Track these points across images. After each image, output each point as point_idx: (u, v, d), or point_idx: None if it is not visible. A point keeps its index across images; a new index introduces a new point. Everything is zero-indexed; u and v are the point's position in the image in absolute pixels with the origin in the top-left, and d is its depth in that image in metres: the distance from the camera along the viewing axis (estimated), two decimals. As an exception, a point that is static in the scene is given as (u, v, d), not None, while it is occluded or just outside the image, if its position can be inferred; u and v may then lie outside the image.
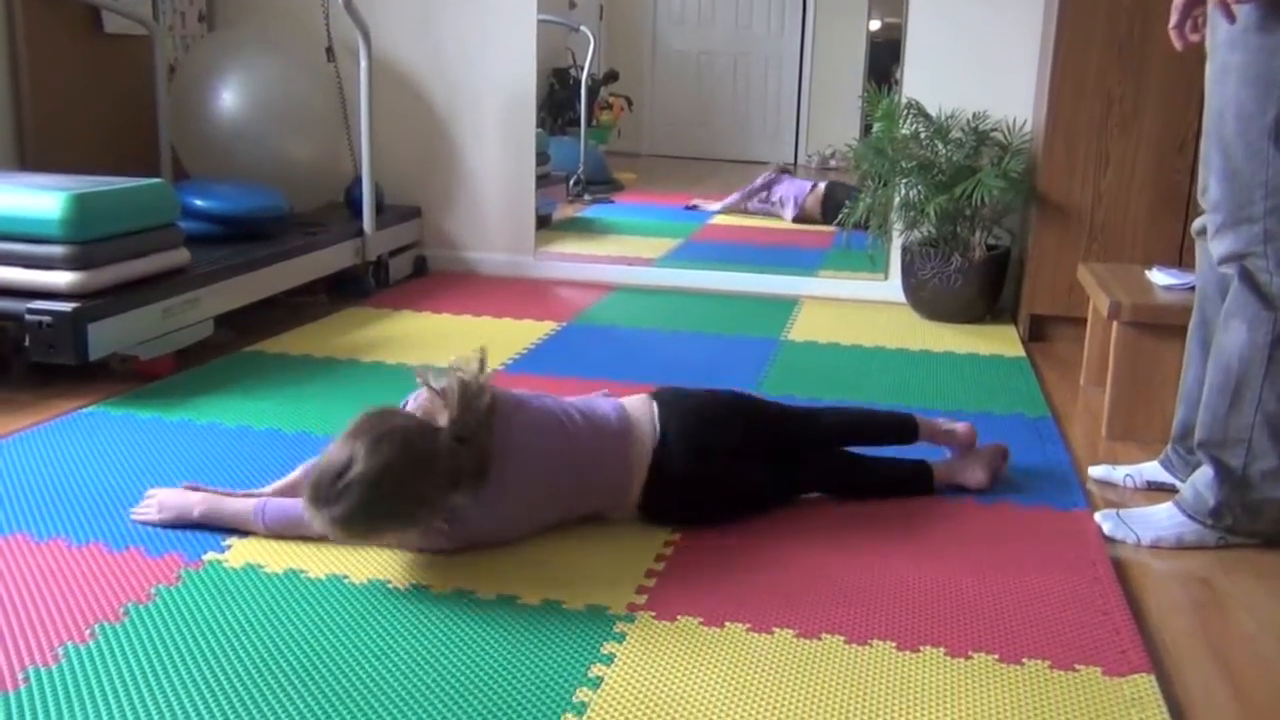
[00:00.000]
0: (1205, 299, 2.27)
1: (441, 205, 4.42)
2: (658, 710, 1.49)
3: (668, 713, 1.49)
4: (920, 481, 2.28)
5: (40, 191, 2.74)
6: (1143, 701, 1.56)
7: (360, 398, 2.80)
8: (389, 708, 1.48)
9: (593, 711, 1.48)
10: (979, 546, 2.04)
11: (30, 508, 2.09)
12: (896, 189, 3.83)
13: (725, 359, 3.30)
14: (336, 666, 1.58)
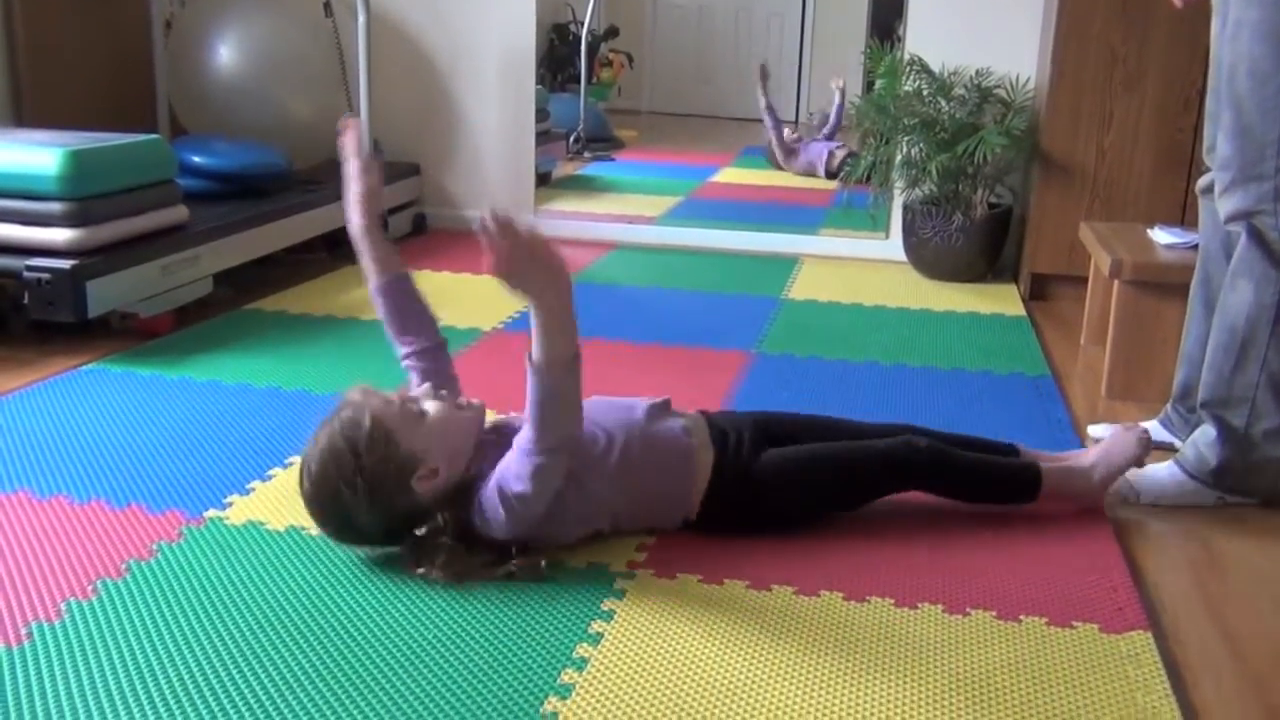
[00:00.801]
0: (1209, 257, 2.26)
1: (440, 162, 4.39)
2: (657, 665, 1.50)
3: (667, 668, 1.49)
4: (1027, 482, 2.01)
5: (37, 148, 2.73)
6: (1139, 658, 1.57)
7: (360, 356, 2.81)
8: (390, 662, 1.49)
9: (592, 667, 1.49)
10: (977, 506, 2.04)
11: (31, 465, 2.09)
12: (898, 147, 3.81)
13: (725, 317, 3.29)
14: (338, 622, 1.59)
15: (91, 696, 1.39)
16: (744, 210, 5.06)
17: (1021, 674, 1.52)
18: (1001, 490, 2.00)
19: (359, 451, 1.64)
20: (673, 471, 1.84)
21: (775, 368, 2.83)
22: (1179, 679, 1.54)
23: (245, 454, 2.17)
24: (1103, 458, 2.04)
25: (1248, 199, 2.00)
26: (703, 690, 1.45)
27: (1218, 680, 1.55)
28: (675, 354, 2.91)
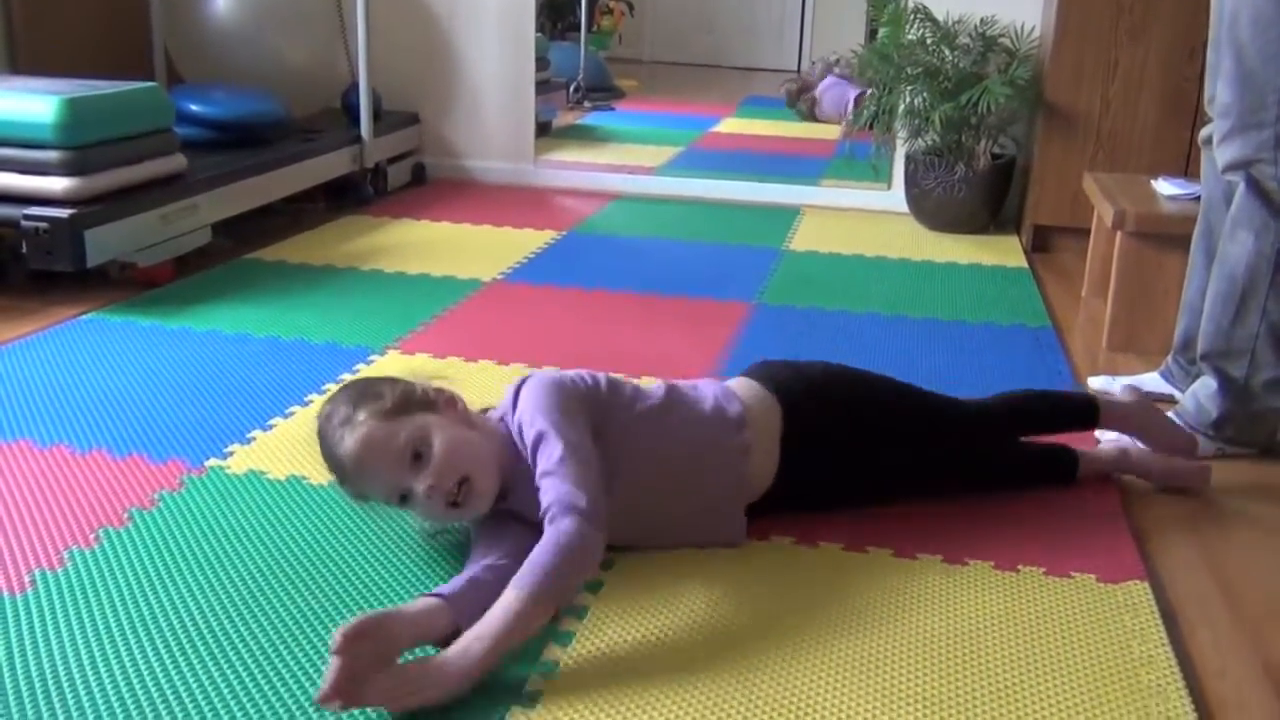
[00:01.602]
0: (1210, 208, 2.25)
1: (440, 111, 4.36)
2: (649, 616, 1.51)
3: (661, 616, 1.50)
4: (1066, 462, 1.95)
5: (33, 95, 2.71)
6: (1136, 607, 1.58)
7: (359, 306, 2.80)
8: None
9: (593, 617, 1.50)
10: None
11: (32, 414, 2.09)
12: (901, 96, 3.78)
13: (726, 268, 3.28)
14: (339, 570, 1.60)
15: (95, 643, 1.40)
16: (745, 160, 5.03)
17: (1019, 623, 1.53)
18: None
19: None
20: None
21: (776, 318, 2.82)
22: (1175, 628, 1.55)
23: (246, 403, 2.17)
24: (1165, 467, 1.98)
25: (1247, 147, 1.99)
26: (697, 638, 1.46)
27: (1213, 630, 1.56)
28: (676, 304, 2.91)
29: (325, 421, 1.55)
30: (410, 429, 1.50)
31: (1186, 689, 1.40)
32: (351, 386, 1.60)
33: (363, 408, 1.52)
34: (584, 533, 1.41)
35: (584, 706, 1.31)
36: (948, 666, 1.43)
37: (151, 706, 1.29)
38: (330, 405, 1.57)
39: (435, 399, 1.57)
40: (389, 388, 1.56)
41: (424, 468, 1.49)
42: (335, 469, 1.55)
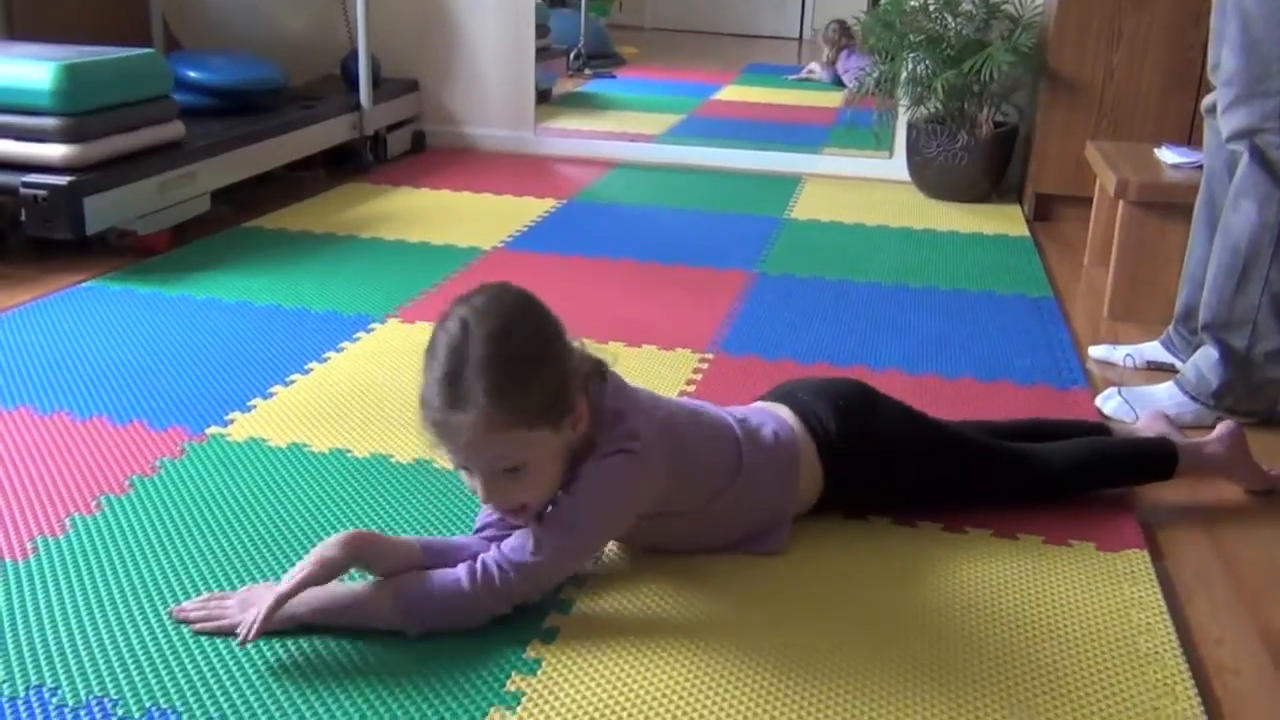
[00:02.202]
0: (1212, 177, 2.24)
1: (440, 79, 4.33)
2: (652, 576, 1.51)
3: (659, 579, 1.51)
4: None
5: (30, 61, 2.69)
6: (1135, 576, 1.58)
7: (359, 274, 2.80)
8: (393, 578, 1.50)
9: (594, 582, 1.51)
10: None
11: (32, 382, 2.09)
12: (903, 64, 3.76)
13: (727, 237, 3.27)
14: (340, 538, 1.60)
15: (97, 609, 1.41)
16: (746, 129, 5.01)
17: (1018, 591, 1.53)
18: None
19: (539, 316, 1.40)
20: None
21: (776, 287, 2.82)
22: (1173, 597, 1.55)
23: (246, 371, 2.17)
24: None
25: (1251, 115, 1.98)
26: (693, 598, 1.47)
27: (1211, 598, 1.57)
28: (676, 273, 2.90)
29: (453, 361, 1.32)
30: (518, 454, 1.34)
31: (1184, 656, 1.41)
32: (508, 338, 1.33)
33: (494, 394, 1.30)
34: (492, 593, 1.36)
35: (580, 688, 1.32)
36: (946, 633, 1.43)
37: (154, 672, 1.30)
38: (474, 348, 1.31)
39: (569, 409, 1.38)
40: (539, 380, 1.34)
41: (499, 482, 1.36)
42: (427, 412, 1.34)
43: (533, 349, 1.35)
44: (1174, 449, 1.81)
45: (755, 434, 1.59)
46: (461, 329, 1.33)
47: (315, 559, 1.35)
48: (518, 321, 1.36)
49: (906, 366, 2.32)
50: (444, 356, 1.33)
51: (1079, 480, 1.78)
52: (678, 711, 1.27)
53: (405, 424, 1.96)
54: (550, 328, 1.39)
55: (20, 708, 1.23)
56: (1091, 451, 1.80)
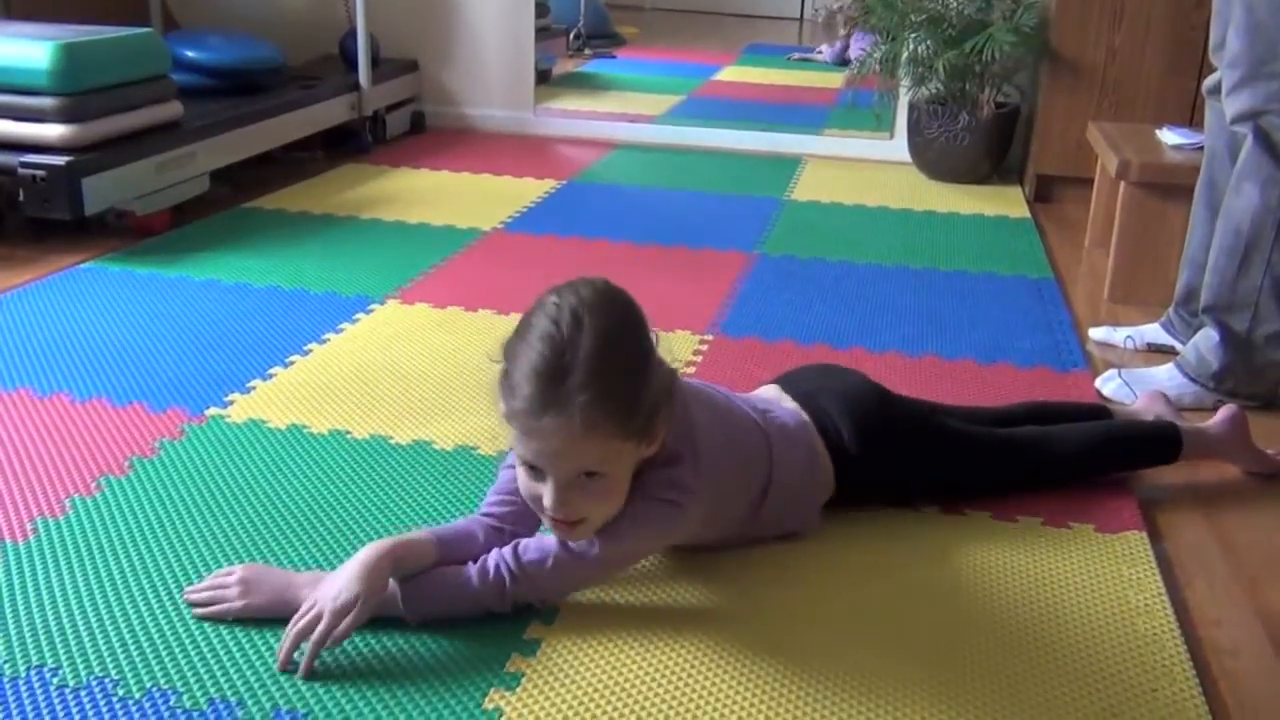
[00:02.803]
0: (1214, 159, 2.23)
1: (439, 59, 4.31)
2: (653, 559, 1.52)
3: (660, 562, 1.51)
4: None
5: (27, 41, 2.68)
6: (1133, 557, 1.59)
7: (358, 255, 2.79)
8: (392, 559, 1.50)
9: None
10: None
11: (31, 363, 2.09)
12: (905, 43, 3.74)
13: (727, 218, 3.26)
14: (339, 518, 1.60)
15: (97, 590, 1.41)
16: (746, 109, 4.99)
17: (1016, 573, 1.54)
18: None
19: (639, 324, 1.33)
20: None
21: (777, 268, 2.81)
22: (1172, 579, 1.56)
23: (246, 353, 2.17)
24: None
25: (1256, 98, 1.97)
26: (694, 582, 1.47)
27: (1210, 580, 1.57)
28: (676, 254, 2.89)
29: (559, 356, 1.23)
30: (601, 461, 1.27)
31: (1182, 638, 1.41)
32: (618, 343, 1.26)
33: (602, 403, 1.23)
34: (499, 597, 1.35)
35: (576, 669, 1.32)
36: (944, 616, 1.43)
37: (154, 652, 1.30)
38: (584, 347, 1.23)
39: (654, 428, 1.32)
40: (644, 392, 1.27)
41: (575, 489, 1.29)
42: (516, 404, 1.25)
43: (639, 358, 1.29)
44: (1178, 434, 1.81)
45: (784, 445, 1.54)
46: (573, 321, 1.23)
47: (367, 601, 1.28)
48: (629, 325, 1.29)
49: (906, 348, 2.32)
50: (548, 349, 1.23)
51: (1084, 468, 1.78)
52: (676, 692, 1.27)
53: (405, 405, 1.97)
54: (648, 334, 1.32)
55: (21, 688, 1.24)
56: (1097, 438, 1.80)
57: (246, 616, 1.35)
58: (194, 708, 1.21)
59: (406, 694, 1.25)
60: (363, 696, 1.24)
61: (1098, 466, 1.79)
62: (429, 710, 1.23)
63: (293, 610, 1.33)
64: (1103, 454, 1.79)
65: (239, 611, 1.35)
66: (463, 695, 1.25)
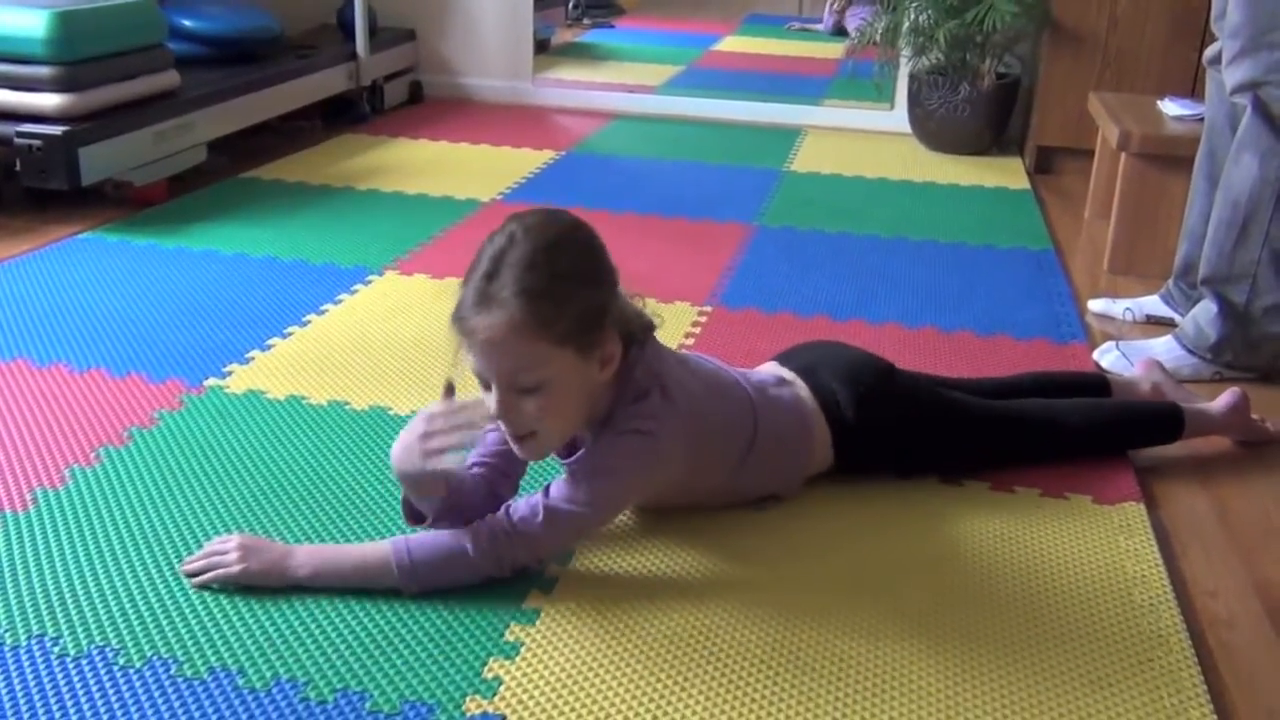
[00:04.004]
0: (1214, 131, 2.23)
1: (437, 28, 4.29)
2: (650, 528, 1.52)
3: (657, 532, 1.52)
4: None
5: (23, 9, 2.66)
6: (1131, 528, 1.59)
7: (357, 225, 2.79)
8: (391, 529, 1.50)
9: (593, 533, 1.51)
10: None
11: (29, 333, 2.09)
12: (905, 13, 3.72)
13: (726, 189, 3.25)
14: (339, 488, 1.61)
15: (97, 559, 1.41)
16: (746, 80, 4.97)
17: (1014, 543, 1.54)
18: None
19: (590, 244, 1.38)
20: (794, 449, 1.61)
21: (776, 240, 2.81)
22: (1169, 549, 1.56)
23: (244, 323, 2.16)
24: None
25: (1256, 68, 1.96)
26: (691, 550, 1.48)
27: (1206, 551, 1.57)
28: (676, 225, 2.89)
29: (492, 264, 1.30)
30: (538, 369, 1.31)
31: (1178, 608, 1.42)
32: (552, 252, 1.31)
33: (526, 298, 1.28)
34: (495, 560, 1.36)
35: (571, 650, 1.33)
36: (942, 585, 1.44)
37: (154, 621, 1.30)
38: (515, 254, 1.30)
39: (600, 342, 1.35)
40: (574, 299, 1.31)
41: (515, 398, 1.32)
42: (456, 313, 1.33)
43: (575, 269, 1.33)
44: (1181, 415, 1.81)
45: (771, 408, 1.56)
46: (508, 239, 1.31)
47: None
48: (567, 241, 1.34)
49: (905, 319, 2.32)
50: (485, 260, 1.32)
51: (1086, 446, 1.77)
52: (674, 659, 1.28)
53: (404, 376, 1.97)
54: (598, 259, 1.38)
55: (22, 656, 1.24)
56: (1100, 418, 1.80)
57: (243, 582, 1.36)
58: (194, 676, 1.22)
59: (406, 663, 1.26)
60: (362, 666, 1.25)
61: (1100, 445, 1.79)
62: (428, 679, 1.23)
63: (287, 580, 1.35)
64: (1105, 433, 1.79)
65: (236, 576, 1.36)
66: (462, 664, 1.26)
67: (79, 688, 1.20)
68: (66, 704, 1.18)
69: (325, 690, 1.21)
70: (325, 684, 1.22)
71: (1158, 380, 1.93)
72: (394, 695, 1.21)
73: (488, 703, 1.20)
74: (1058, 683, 1.27)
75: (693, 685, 1.24)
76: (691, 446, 1.45)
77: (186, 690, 1.20)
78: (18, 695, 1.19)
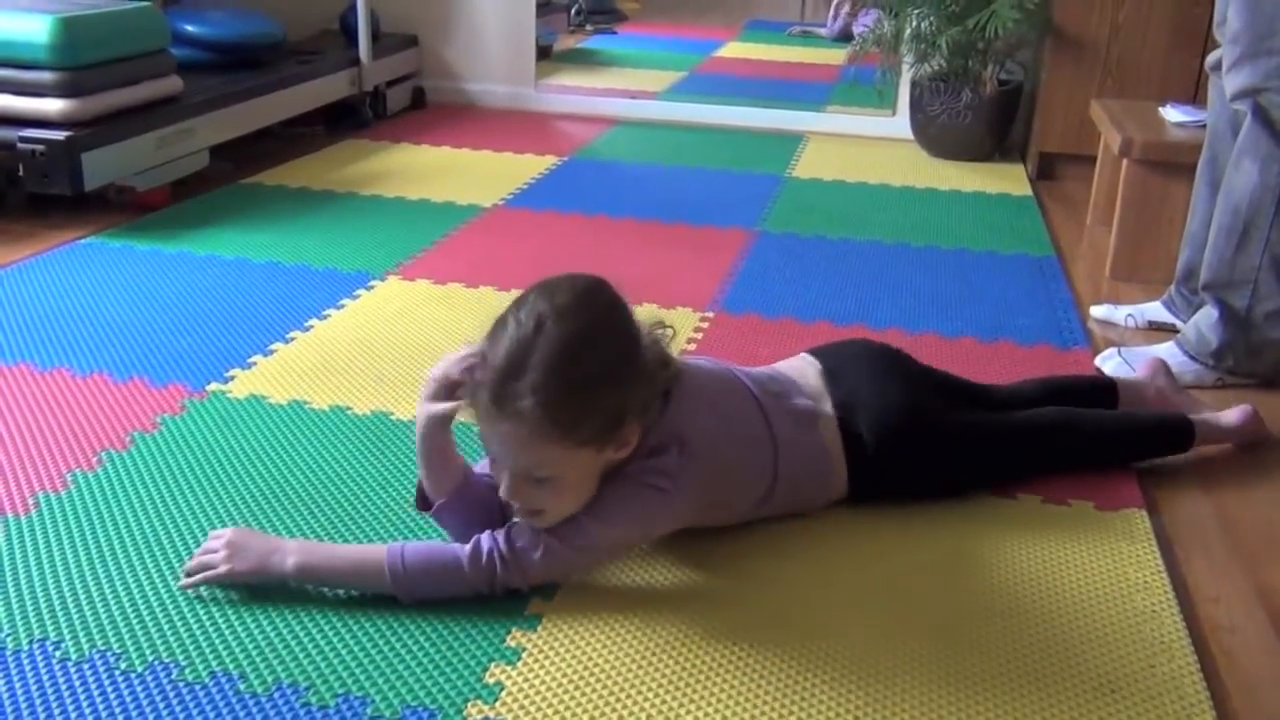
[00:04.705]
0: (1216, 137, 2.23)
1: (439, 34, 4.30)
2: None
3: (660, 541, 1.51)
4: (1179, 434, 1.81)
5: (26, 15, 2.67)
6: (1133, 535, 1.59)
7: (359, 231, 2.79)
8: (392, 534, 1.51)
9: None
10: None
11: (32, 338, 2.09)
12: (907, 20, 3.72)
13: (728, 195, 3.25)
14: (340, 494, 1.61)
15: (99, 564, 1.41)
16: (748, 86, 4.97)
17: (1016, 550, 1.54)
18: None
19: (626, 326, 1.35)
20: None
21: (778, 246, 2.81)
22: (1171, 555, 1.56)
23: (246, 328, 2.17)
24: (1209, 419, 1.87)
25: (1255, 74, 1.96)
26: (694, 559, 1.48)
27: (1209, 557, 1.57)
28: (677, 231, 2.89)
29: (517, 359, 1.25)
30: (553, 468, 1.30)
31: (1181, 614, 1.42)
32: (582, 351, 1.27)
33: (549, 410, 1.25)
34: (489, 580, 1.35)
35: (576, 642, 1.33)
36: (943, 592, 1.44)
37: (156, 625, 1.30)
38: (541, 352, 1.25)
39: (623, 438, 1.33)
40: (599, 405, 1.28)
41: (527, 486, 1.32)
42: (478, 393, 1.29)
43: (602, 370, 1.28)
44: (1192, 427, 1.80)
45: (793, 457, 1.52)
46: (535, 326, 1.26)
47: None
48: (599, 333, 1.29)
49: (907, 325, 2.32)
50: (508, 348, 1.26)
51: (1097, 460, 1.76)
52: (676, 668, 1.28)
53: (406, 381, 1.97)
54: (626, 344, 1.33)
55: (24, 660, 1.24)
56: (1112, 432, 1.78)
57: (230, 584, 1.35)
58: (196, 681, 1.22)
59: (408, 668, 1.25)
60: (364, 671, 1.25)
61: (1110, 459, 1.77)
62: (430, 684, 1.23)
63: (274, 575, 1.35)
64: (1116, 447, 1.78)
65: (223, 578, 1.35)
66: (464, 670, 1.26)
67: (80, 692, 1.20)
68: (68, 708, 1.18)
69: (327, 695, 1.21)
70: (327, 689, 1.22)
71: (1161, 385, 1.93)
72: (395, 700, 1.21)
73: (489, 708, 1.20)
74: (1060, 689, 1.27)
75: (694, 692, 1.24)
76: (705, 495, 1.43)
77: (188, 695, 1.20)
78: (19, 699, 1.19)
